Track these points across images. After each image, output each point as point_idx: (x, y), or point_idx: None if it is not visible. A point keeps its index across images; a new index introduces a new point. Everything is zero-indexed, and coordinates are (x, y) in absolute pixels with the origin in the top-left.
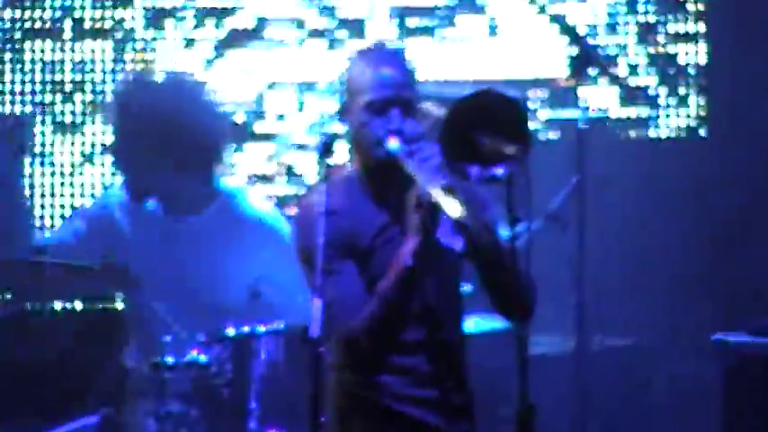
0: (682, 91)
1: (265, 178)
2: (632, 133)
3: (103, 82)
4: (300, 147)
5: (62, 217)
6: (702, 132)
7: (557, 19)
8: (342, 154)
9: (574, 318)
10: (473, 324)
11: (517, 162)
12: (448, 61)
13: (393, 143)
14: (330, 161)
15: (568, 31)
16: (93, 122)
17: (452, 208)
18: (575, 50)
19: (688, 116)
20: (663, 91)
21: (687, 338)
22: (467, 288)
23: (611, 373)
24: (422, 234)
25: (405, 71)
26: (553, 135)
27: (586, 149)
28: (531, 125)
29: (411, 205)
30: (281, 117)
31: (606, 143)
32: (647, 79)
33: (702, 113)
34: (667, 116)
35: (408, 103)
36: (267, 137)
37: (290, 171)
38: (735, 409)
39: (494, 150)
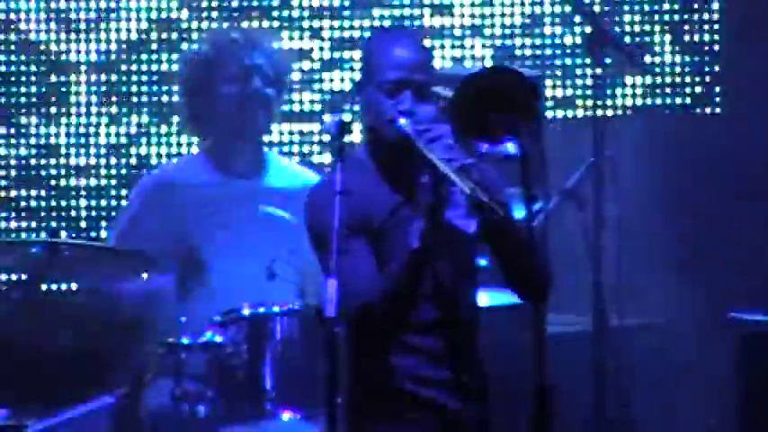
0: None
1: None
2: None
3: None
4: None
5: None
6: (718, 107)
7: None
8: (356, 134)
9: (591, 296)
10: (489, 298)
11: (528, 138)
12: None
13: (403, 123)
14: (344, 142)
15: (582, 8)
16: None
17: (463, 184)
18: (589, 29)
19: (704, 94)
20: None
21: (705, 316)
22: (482, 263)
23: (628, 351)
24: (430, 215)
25: (420, 53)
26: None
27: (603, 126)
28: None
29: (420, 186)
30: None
31: (622, 119)
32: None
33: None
34: (685, 94)
35: (421, 85)
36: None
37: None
38: (749, 387)
39: (504, 126)
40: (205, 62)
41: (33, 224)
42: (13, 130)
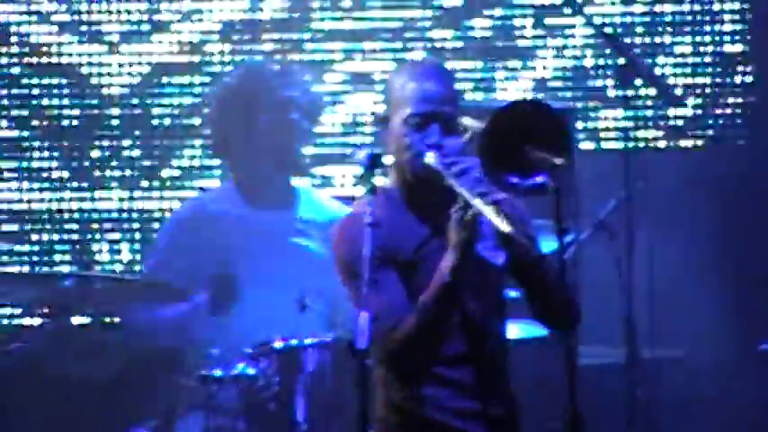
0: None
1: None
2: (681, 142)
3: None
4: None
5: None
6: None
7: (600, 28)
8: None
9: (622, 328)
10: (522, 330)
11: (559, 171)
12: None
13: (431, 157)
14: (376, 175)
15: (613, 40)
16: None
17: (498, 221)
18: (620, 60)
19: (732, 123)
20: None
21: (737, 348)
22: (513, 294)
23: (660, 383)
24: (461, 250)
25: (447, 86)
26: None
27: (633, 158)
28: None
29: (452, 220)
30: None
31: (653, 150)
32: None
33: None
34: (711, 123)
35: (449, 118)
36: None
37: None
38: None
39: (535, 159)
40: (240, 92)
41: (65, 236)
42: (47, 153)
